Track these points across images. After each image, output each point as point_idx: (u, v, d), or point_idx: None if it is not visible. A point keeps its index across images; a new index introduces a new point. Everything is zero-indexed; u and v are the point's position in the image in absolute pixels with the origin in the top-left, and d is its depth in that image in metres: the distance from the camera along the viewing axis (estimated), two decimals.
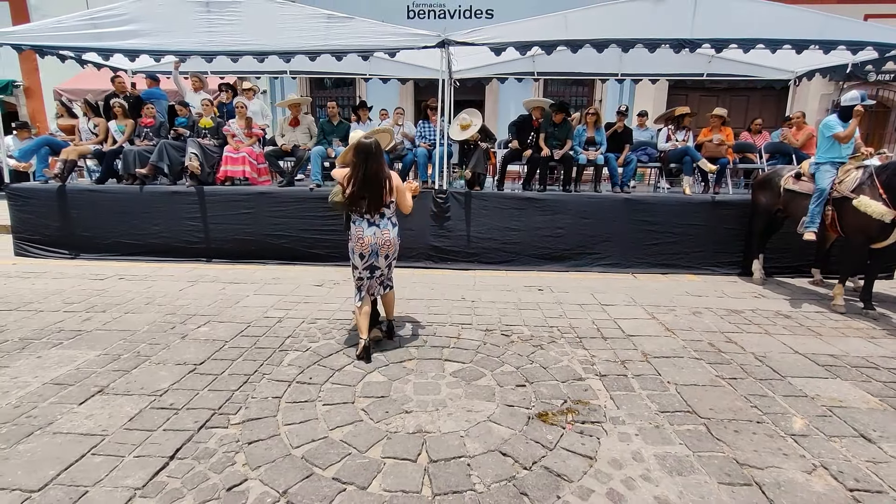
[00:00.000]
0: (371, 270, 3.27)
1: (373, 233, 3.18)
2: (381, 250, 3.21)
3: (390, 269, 3.39)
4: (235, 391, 2.78)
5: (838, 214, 4.60)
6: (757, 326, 4.02)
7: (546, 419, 2.53)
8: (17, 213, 6.18)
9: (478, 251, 5.90)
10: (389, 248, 3.25)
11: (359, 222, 3.20)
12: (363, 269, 3.25)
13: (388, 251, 3.25)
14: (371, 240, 3.17)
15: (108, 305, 4.26)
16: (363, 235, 3.17)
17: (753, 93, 10.34)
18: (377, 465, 2.13)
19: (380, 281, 3.36)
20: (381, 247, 3.20)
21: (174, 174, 6.14)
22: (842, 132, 4.48)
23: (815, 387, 2.95)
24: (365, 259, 3.22)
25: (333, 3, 6.74)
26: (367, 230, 3.18)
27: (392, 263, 3.37)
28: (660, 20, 5.15)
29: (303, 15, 5.43)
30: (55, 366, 3.06)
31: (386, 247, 3.22)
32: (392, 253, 3.29)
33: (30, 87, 11.67)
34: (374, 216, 3.19)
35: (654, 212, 5.80)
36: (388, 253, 3.26)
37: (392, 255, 3.31)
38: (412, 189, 3.32)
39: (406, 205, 3.29)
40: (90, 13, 5.59)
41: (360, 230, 3.19)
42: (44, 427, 2.39)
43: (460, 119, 6.14)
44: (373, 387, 2.85)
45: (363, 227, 3.18)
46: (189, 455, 2.19)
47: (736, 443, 2.34)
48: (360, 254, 3.21)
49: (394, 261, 3.38)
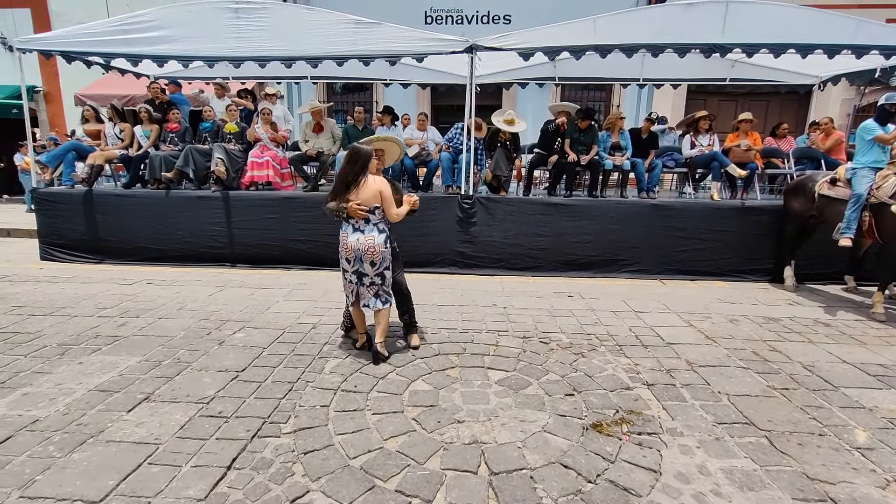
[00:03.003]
0: (359, 276, 3.22)
1: (356, 238, 3.14)
2: (364, 256, 3.14)
3: (383, 280, 3.25)
4: (282, 399, 2.75)
5: (876, 220, 4.52)
6: (798, 335, 3.94)
7: (601, 430, 2.48)
8: (44, 218, 6.21)
9: (504, 257, 5.86)
10: (375, 255, 3.14)
11: (345, 227, 3.20)
12: (351, 272, 3.23)
13: (374, 258, 3.15)
14: (355, 245, 3.14)
15: (141, 311, 4.25)
16: (347, 240, 3.16)
17: (773, 97, 10.26)
18: (439, 477, 2.09)
19: (373, 292, 3.24)
20: (365, 253, 3.13)
21: (199, 179, 6.16)
22: (885, 135, 4.41)
23: (871, 398, 2.88)
24: (351, 263, 3.20)
25: (350, 9, 6.75)
26: (352, 235, 3.16)
27: (384, 274, 3.24)
28: (690, 25, 5.11)
29: (330, 20, 5.44)
30: (98, 372, 3.04)
31: (370, 253, 3.13)
32: (379, 260, 3.18)
33: (49, 91, 11.78)
34: (359, 221, 3.15)
35: (683, 218, 5.74)
36: (373, 259, 3.16)
37: (380, 263, 3.19)
38: (411, 203, 3.26)
39: (391, 213, 3.18)
40: (119, 20, 5.63)
41: (345, 234, 3.19)
42: (95, 435, 2.37)
43: (506, 114, 6.14)
44: (420, 395, 2.81)
45: (348, 232, 3.17)
46: (247, 465, 2.15)
47: (802, 456, 2.28)
48: (346, 258, 3.20)
49: (385, 271, 3.24)
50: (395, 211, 3.19)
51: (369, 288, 3.23)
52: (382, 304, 3.27)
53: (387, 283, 3.28)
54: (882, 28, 5.20)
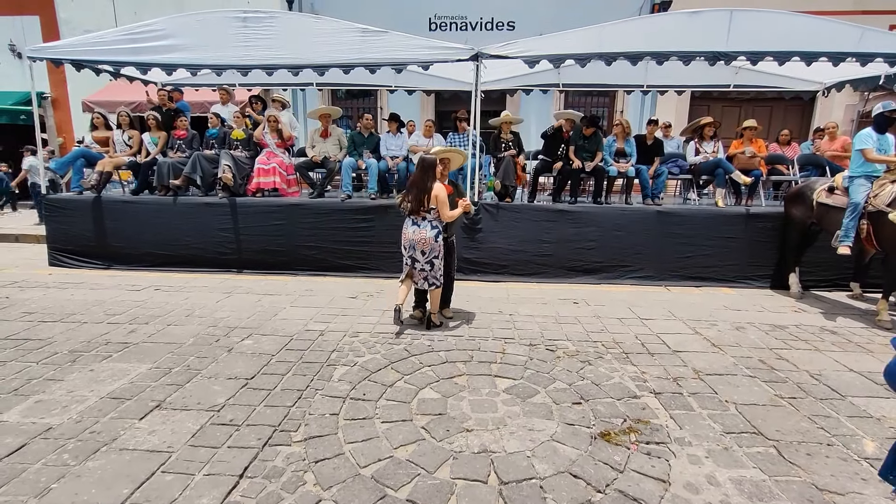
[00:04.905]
0: (412, 261, 3.94)
1: (413, 231, 3.89)
2: (417, 245, 3.87)
3: (432, 267, 3.92)
4: (291, 407, 2.77)
5: (874, 228, 4.53)
6: (804, 342, 3.95)
7: (609, 439, 2.49)
8: (53, 224, 6.26)
9: (509, 263, 5.88)
10: (425, 245, 3.86)
11: (406, 221, 3.96)
12: (407, 257, 3.98)
13: (424, 248, 3.86)
14: (410, 236, 3.90)
15: (150, 317, 4.29)
16: (406, 231, 3.95)
17: (777, 103, 10.27)
18: (449, 486, 2.11)
19: (423, 276, 3.95)
20: (418, 243, 3.86)
21: (206, 185, 6.20)
22: (872, 153, 4.45)
23: (879, 407, 2.89)
24: (407, 250, 3.95)
25: (354, 16, 6.80)
26: (410, 227, 3.92)
27: (434, 262, 3.91)
28: (695, 33, 5.14)
29: (337, 29, 5.49)
30: (109, 379, 3.07)
31: (422, 244, 3.86)
32: (428, 250, 3.87)
33: (57, 98, 11.89)
34: (417, 218, 3.90)
35: (687, 224, 5.75)
36: (423, 249, 3.87)
37: (429, 253, 3.88)
38: (464, 206, 3.94)
39: (444, 215, 3.84)
40: (128, 29, 5.70)
41: (405, 226, 3.96)
42: (109, 443, 2.39)
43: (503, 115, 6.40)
44: (428, 403, 2.83)
45: (407, 225, 3.95)
46: (258, 474, 2.17)
47: (811, 467, 2.29)
48: (403, 245, 3.98)
49: (434, 259, 3.91)
50: (448, 212, 3.84)
51: (420, 272, 3.94)
52: (430, 286, 4.00)
53: (435, 270, 3.95)
54: (886, 36, 5.22)
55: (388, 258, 5.70)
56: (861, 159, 4.60)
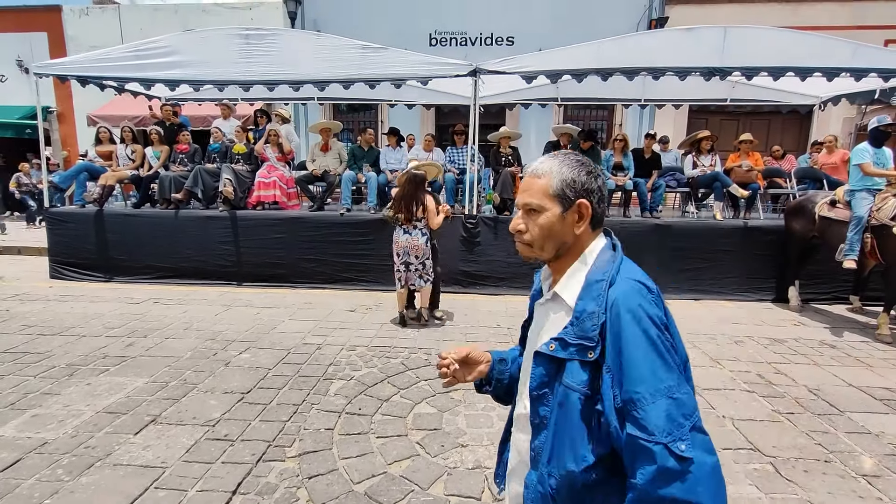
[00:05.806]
0: (406, 265, 4.32)
1: (405, 239, 4.29)
2: (411, 251, 4.29)
3: (424, 266, 4.34)
4: (287, 422, 2.76)
5: (878, 242, 4.53)
6: (803, 357, 3.93)
7: None
8: (55, 237, 6.31)
9: (507, 276, 5.88)
10: (418, 251, 4.29)
11: (398, 230, 4.34)
12: (399, 263, 4.34)
13: (417, 253, 4.29)
14: (403, 243, 4.29)
15: (149, 331, 4.30)
16: (398, 239, 4.33)
17: (775, 117, 10.33)
18: (443, 503, 2.09)
19: (418, 274, 4.34)
20: (411, 249, 4.28)
21: (208, 199, 6.26)
22: (871, 167, 4.48)
23: (878, 423, 2.87)
24: (400, 257, 4.32)
25: (356, 33, 6.91)
26: (402, 236, 4.31)
27: (426, 263, 4.34)
28: (690, 49, 5.21)
29: (338, 46, 5.59)
30: (105, 393, 3.08)
31: (415, 249, 4.29)
32: (420, 255, 4.30)
33: (63, 112, 12.05)
34: (409, 227, 4.28)
35: (686, 237, 5.76)
36: (416, 254, 4.29)
37: (422, 256, 4.30)
38: (445, 211, 4.27)
39: (433, 222, 4.24)
40: (133, 46, 5.81)
41: (397, 235, 4.35)
42: (103, 458, 2.39)
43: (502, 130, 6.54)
44: (424, 418, 2.82)
45: (399, 233, 4.33)
46: (251, 490, 2.17)
47: (808, 484, 2.27)
48: (396, 252, 4.34)
49: (427, 260, 4.34)
50: (436, 220, 4.23)
51: (414, 272, 4.33)
52: (423, 282, 4.40)
53: (427, 268, 4.38)
54: (879, 52, 5.29)
55: (388, 271, 5.68)
56: (860, 173, 4.63)
